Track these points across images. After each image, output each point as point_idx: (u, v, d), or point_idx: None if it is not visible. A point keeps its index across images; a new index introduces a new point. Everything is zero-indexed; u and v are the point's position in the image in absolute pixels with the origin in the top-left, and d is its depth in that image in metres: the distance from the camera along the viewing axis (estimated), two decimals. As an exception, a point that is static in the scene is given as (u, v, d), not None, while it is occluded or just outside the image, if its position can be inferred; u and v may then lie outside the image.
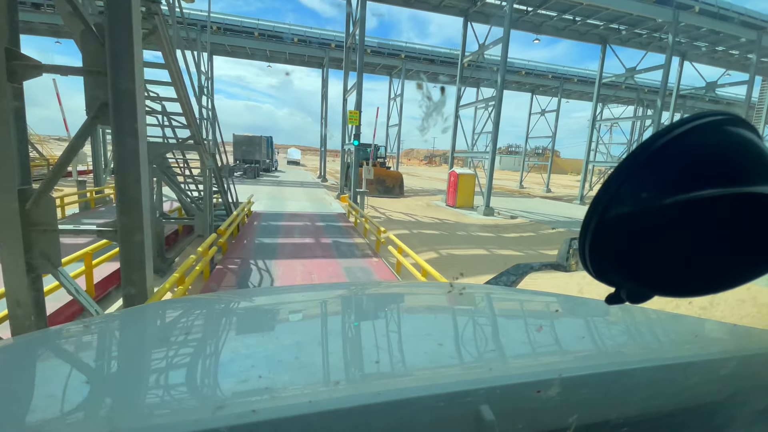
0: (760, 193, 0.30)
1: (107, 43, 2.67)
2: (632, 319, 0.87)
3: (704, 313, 4.35)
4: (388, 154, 25.37)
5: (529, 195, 24.30)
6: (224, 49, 23.97)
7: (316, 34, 22.24)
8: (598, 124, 20.68)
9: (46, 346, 0.69)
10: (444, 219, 12.09)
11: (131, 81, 2.72)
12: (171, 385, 0.55)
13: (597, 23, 16.38)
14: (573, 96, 30.87)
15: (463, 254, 7.81)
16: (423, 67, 24.31)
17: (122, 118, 2.73)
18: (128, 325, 0.81)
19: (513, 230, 10.83)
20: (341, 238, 7.66)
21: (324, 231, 8.26)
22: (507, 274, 1.52)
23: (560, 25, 16.42)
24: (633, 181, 0.32)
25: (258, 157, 25.73)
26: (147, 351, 0.68)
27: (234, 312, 0.94)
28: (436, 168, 67.00)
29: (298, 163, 48.20)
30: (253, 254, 6.01)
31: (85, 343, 0.71)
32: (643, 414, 0.59)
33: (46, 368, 0.61)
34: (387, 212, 12.79)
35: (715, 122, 0.31)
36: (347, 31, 13.95)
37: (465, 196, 14.64)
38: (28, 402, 0.49)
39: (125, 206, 2.83)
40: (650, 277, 0.35)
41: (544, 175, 29.17)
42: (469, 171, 15.03)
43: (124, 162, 2.79)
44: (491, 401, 0.51)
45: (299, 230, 8.23)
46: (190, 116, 4.54)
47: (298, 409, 0.45)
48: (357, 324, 0.86)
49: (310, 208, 11.99)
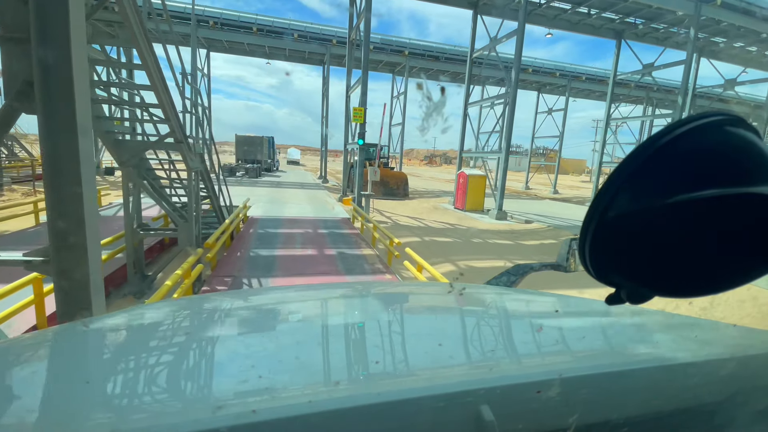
0: (760, 193, 0.30)
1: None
2: (632, 320, 0.88)
3: (704, 313, 4.07)
4: (390, 154, 24.58)
5: (536, 196, 23.51)
6: (222, 46, 23.18)
7: (316, 29, 21.44)
8: (613, 123, 19.82)
9: (46, 346, 0.68)
10: (455, 224, 11.29)
11: (65, 52, 1.89)
12: (171, 385, 0.55)
13: (612, 17, 15.61)
14: (580, 95, 30.11)
15: (483, 267, 7.00)
16: (427, 64, 23.51)
17: (52, 103, 1.91)
18: (128, 325, 0.81)
19: (531, 237, 10.02)
20: (347, 248, 6.85)
21: (328, 240, 7.44)
22: (507, 274, 1.58)
23: (574, 18, 15.63)
24: (633, 181, 0.32)
25: (260, 157, 25.56)
26: (147, 351, 0.66)
27: (234, 312, 0.94)
28: (437, 168, 66.30)
29: (297, 163, 47.65)
30: (247, 270, 5.21)
31: (85, 343, 0.71)
32: (643, 414, 0.59)
33: (46, 368, 0.61)
34: (393, 216, 11.99)
35: (715, 122, 0.31)
36: (350, 23, 13.13)
37: (475, 198, 13.84)
38: (28, 402, 0.49)
39: (60, 230, 2.01)
40: (650, 277, 0.35)
41: (549, 175, 28.40)
42: (479, 172, 14.21)
43: (56, 167, 1.96)
44: (491, 401, 0.51)
45: (300, 239, 7.41)
46: (168, 109, 3.73)
47: (298, 409, 0.45)
48: (357, 324, 0.86)
49: (311, 212, 11.15)
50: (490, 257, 7.58)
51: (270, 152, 28.15)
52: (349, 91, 13.65)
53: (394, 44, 22.30)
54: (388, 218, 11.62)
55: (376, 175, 10.39)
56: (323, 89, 24.01)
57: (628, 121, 22.49)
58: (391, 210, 13.20)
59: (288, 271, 5.31)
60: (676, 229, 0.32)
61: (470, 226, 11.05)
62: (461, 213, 13.50)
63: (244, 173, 23.15)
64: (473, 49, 14.76)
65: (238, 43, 21.98)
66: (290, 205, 12.10)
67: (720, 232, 0.32)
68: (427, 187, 24.63)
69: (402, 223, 10.87)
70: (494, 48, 13.32)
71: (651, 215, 0.32)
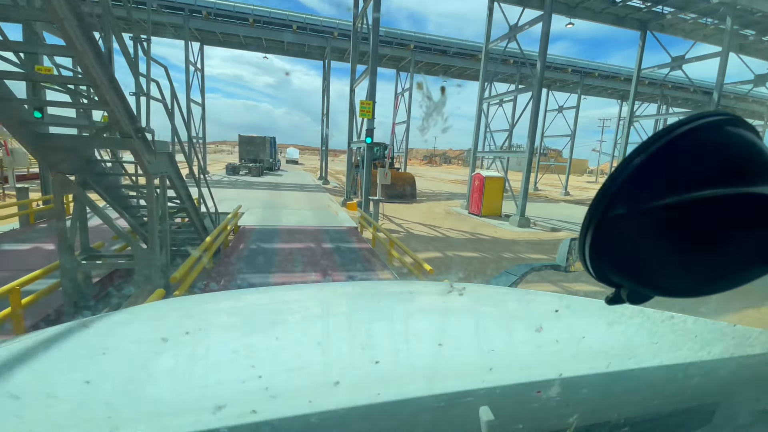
0: (760, 193, 0.30)
1: None
2: (632, 320, 0.87)
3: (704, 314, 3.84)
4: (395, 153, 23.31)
5: (547, 198, 22.27)
6: (216, 38, 21.84)
7: (317, 21, 20.13)
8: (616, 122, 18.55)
9: (46, 346, 0.67)
10: (475, 233, 10.02)
11: None
12: (171, 385, 0.54)
13: (638, 5, 14.41)
14: (591, 92, 28.87)
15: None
16: (433, 58, 22.23)
17: None
18: (128, 325, 0.80)
19: (565, 249, 8.75)
20: (359, 270, 5.55)
21: (335, 258, 6.13)
22: (507, 274, 1.43)
23: (598, 7, 14.40)
24: (633, 181, 0.32)
25: (262, 156, 26.02)
26: (147, 351, 0.67)
27: (234, 312, 0.93)
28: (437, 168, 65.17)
29: (296, 162, 47.89)
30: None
31: (85, 343, 0.70)
32: (643, 414, 0.59)
33: (46, 368, 0.60)
34: (403, 223, 10.70)
35: (716, 122, 0.31)
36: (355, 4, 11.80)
37: (492, 202, 12.58)
38: (28, 402, 0.49)
39: None
40: (650, 277, 0.35)
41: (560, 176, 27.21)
42: (496, 173, 12.94)
43: None
44: (491, 401, 0.51)
45: (301, 258, 6.09)
46: (104, 85, 2.44)
47: (298, 409, 0.45)
48: (357, 324, 0.85)
49: (312, 219, 9.83)
50: (539, 282, 6.26)
51: (272, 152, 28.42)
52: (354, 84, 12.35)
53: (398, 37, 21.01)
54: (398, 225, 10.33)
55: (386, 179, 9.10)
56: (323, 85, 22.70)
57: (641, 120, 21.28)
58: (400, 215, 11.91)
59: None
60: (675, 229, 0.31)
61: (493, 235, 9.78)
62: (477, 219, 12.24)
63: (247, 171, 23.59)
64: (489, 39, 13.50)
65: (233, 35, 20.67)
66: (289, 211, 10.73)
67: (720, 232, 0.31)
68: (433, 189, 23.35)
69: (415, 232, 9.59)
70: (515, 36, 12.05)
71: (651, 215, 0.31)
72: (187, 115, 19.78)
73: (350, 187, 13.56)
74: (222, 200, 11.94)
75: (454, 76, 25.92)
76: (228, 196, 13.22)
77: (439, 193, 21.02)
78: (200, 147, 21.84)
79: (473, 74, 24.61)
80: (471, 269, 6.74)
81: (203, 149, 22.65)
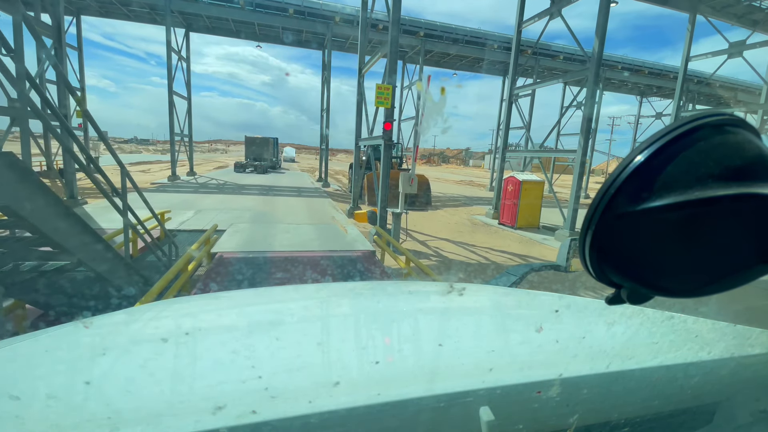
0: (760, 193, 0.30)
1: None
2: (632, 320, 0.86)
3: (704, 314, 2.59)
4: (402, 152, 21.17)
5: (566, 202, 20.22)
6: (203, 23, 19.57)
7: (316, 4, 17.92)
8: (626, 120, 16.55)
9: (47, 346, 0.67)
10: (523, 254, 7.92)
11: None
12: (171, 385, 0.54)
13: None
14: (609, 87, 26.91)
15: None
16: (445, 47, 20.12)
17: None
18: (128, 325, 0.80)
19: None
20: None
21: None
22: (507, 274, 1.46)
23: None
24: (633, 181, 0.31)
25: (266, 156, 28.33)
26: (147, 351, 0.66)
27: (234, 312, 0.92)
28: (437, 168, 63.15)
29: (293, 161, 48.83)
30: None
31: (85, 343, 0.70)
32: (643, 414, 0.58)
33: (46, 368, 0.60)
34: (428, 240, 8.57)
35: (716, 123, 0.31)
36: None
37: (530, 212, 10.49)
38: (28, 402, 0.48)
39: None
40: (650, 277, 0.35)
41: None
42: (535, 177, 10.83)
43: None
44: (491, 402, 0.50)
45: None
46: None
47: (298, 409, 0.45)
48: (357, 324, 0.84)
49: (315, 239, 7.51)
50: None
51: (274, 151, 30.48)
52: (364, 69, 10.18)
53: (407, 23, 18.86)
54: (422, 244, 8.20)
55: (412, 186, 6.95)
56: (323, 76, 20.52)
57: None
58: (420, 227, 9.76)
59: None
60: (675, 228, 0.31)
61: (546, 257, 7.67)
62: (512, 232, 10.14)
63: (252, 169, 25.94)
64: (522, 18, 11.40)
65: (222, 19, 18.40)
66: (283, 228, 8.39)
67: (720, 232, 0.31)
68: (443, 191, 21.22)
69: (448, 254, 7.46)
70: (559, 12, 9.94)
71: (651, 215, 0.31)
72: (170, 110, 17.56)
73: (358, 193, 11.39)
74: (202, 210, 9.73)
75: (466, 69, 23.82)
76: (210, 205, 10.99)
77: (454, 198, 18.92)
78: (185, 145, 19.58)
79: (488, 66, 22.56)
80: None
81: (189, 148, 20.39)
